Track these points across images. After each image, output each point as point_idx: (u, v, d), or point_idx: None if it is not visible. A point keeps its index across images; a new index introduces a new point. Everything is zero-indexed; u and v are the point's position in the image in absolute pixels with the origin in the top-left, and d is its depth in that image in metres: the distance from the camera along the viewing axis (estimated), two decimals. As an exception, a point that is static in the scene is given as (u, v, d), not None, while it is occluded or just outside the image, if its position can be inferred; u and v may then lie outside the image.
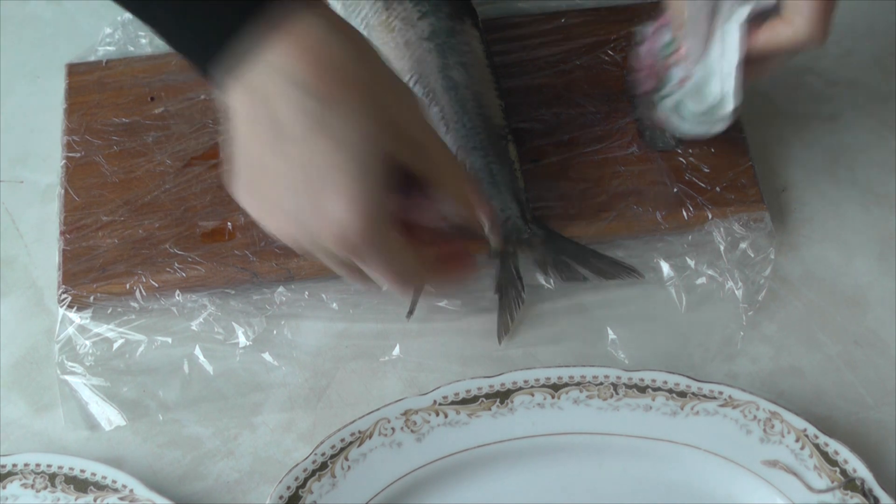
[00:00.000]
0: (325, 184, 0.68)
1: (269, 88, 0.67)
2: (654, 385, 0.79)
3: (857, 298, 0.85)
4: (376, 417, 0.78)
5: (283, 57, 0.66)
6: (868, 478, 0.75)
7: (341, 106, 0.67)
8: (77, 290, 0.84)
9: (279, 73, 0.67)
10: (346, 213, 0.68)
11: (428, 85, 0.84)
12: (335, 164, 0.67)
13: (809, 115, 0.92)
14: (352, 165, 0.67)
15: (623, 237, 0.86)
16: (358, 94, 0.68)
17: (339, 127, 0.67)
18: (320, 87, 0.67)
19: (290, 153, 0.68)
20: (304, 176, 0.68)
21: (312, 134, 0.67)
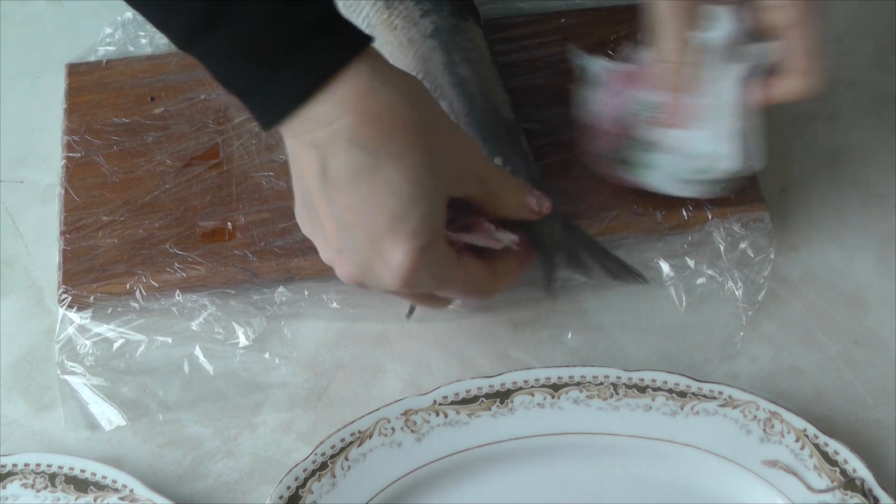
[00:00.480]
0: (380, 229, 0.69)
1: (319, 140, 0.68)
2: (654, 385, 0.79)
3: (857, 298, 0.85)
4: (376, 417, 0.78)
5: (333, 110, 0.67)
6: (868, 478, 0.75)
7: (390, 154, 0.68)
8: (77, 290, 0.84)
9: (328, 127, 0.68)
10: (403, 258, 0.70)
11: (435, 81, 0.84)
12: (386, 209, 0.69)
13: (809, 115, 0.92)
14: (403, 209, 0.69)
15: (623, 237, 0.86)
16: (407, 140, 0.68)
17: (387, 173, 0.68)
18: (367, 137, 0.68)
19: (338, 201, 0.69)
20: (357, 220, 0.69)
21: (357, 182, 0.68)
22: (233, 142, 0.89)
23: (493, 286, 0.78)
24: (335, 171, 0.68)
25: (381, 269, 0.71)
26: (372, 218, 0.69)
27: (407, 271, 0.70)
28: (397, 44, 0.86)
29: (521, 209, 0.77)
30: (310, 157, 0.69)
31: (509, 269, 0.78)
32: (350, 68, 0.67)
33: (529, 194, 0.77)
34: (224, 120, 0.90)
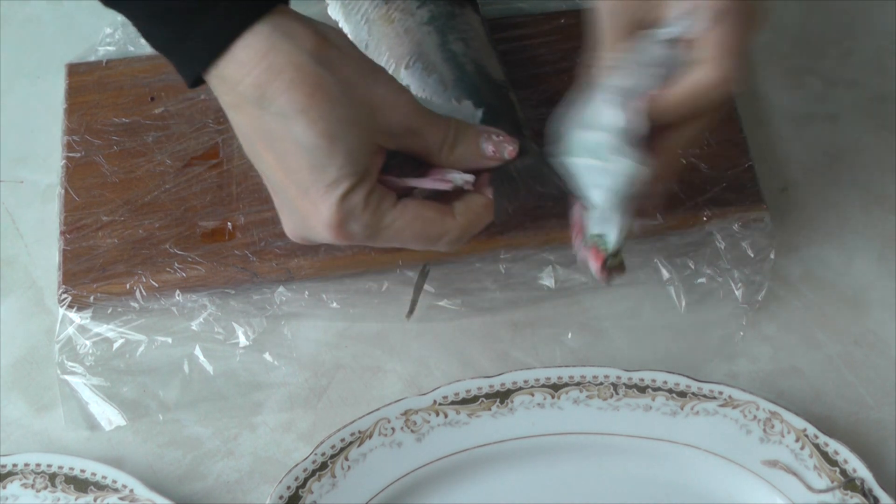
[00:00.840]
0: (304, 184, 0.69)
1: (233, 102, 0.69)
2: (654, 385, 0.79)
3: (857, 298, 0.85)
4: (376, 417, 0.78)
5: (238, 71, 0.68)
6: (868, 478, 0.75)
7: (296, 110, 0.68)
8: (77, 290, 0.84)
9: (236, 88, 0.68)
10: (329, 210, 0.69)
11: (427, 60, 0.84)
12: (304, 165, 0.69)
13: (809, 115, 0.92)
14: (320, 161, 0.68)
15: (623, 237, 0.86)
16: (313, 94, 0.68)
17: (297, 129, 0.68)
18: (270, 95, 0.68)
19: (264, 161, 0.70)
20: (285, 174, 0.70)
21: (272, 142, 0.69)
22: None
23: (451, 233, 0.73)
24: (251, 133, 0.69)
25: (315, 223, 0.70)
26: (295, 175, 0.69)
27: (336, 222, 0.70)
28: (394, 35, 0.86)
29: (477, 158, 0.74)
30: (233, 119, 0.71)
31: (470, 211, 0.74)
32: (253, 29, 0.67)
33: (486, 141, 0.74)
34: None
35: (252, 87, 0.68)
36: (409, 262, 0.85)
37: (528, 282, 0.85)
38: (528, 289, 0.85)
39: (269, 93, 0.67)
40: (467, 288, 0.85)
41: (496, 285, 0.85)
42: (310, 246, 0.84)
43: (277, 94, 0.67)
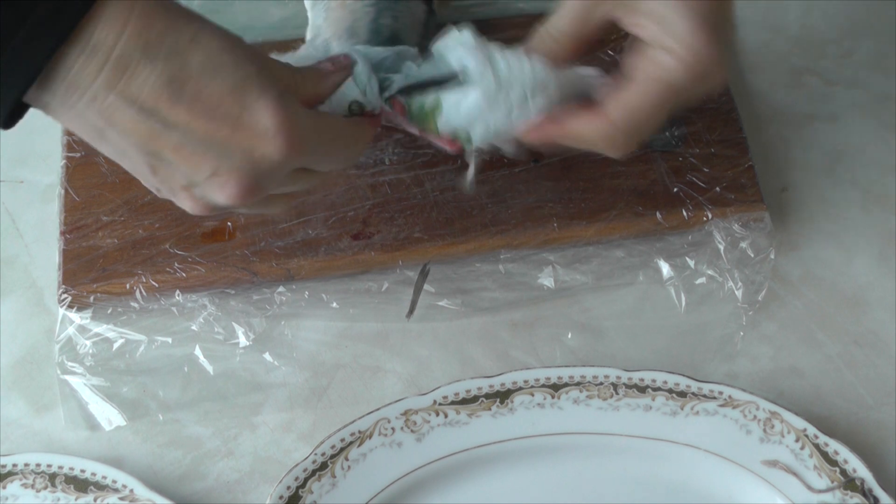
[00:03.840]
0: (233, 111, 0.64)
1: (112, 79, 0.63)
2: (654, 385, 0.79)
3: (856, 298, 0.85)
4: (376, 417, 0.78)
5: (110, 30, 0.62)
6: (868, 478, 0.75)
7: (188, 41, 0.63)
8: (77, 290, 0.84)
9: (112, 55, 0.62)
10: (272, 116, 0.65)
11: (354, 31, 0.83)
12: (223, 90, 0.64)
13: (809, 115, 0.92)
14: (237, 77, 0.64)
15: (623, 237, 0.86)
16: (194, 21, 0.64)
17: (197, 60, 0.63)
18: (156, 38, 0.63)
19: (177, 121, 0.64)
20: (208, 119, 0.64)
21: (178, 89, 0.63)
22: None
23: (357, 140, 0.72)
24: (149, 93, 0.63)
25: (262, 146, 0.65)
26: (218, 108, 0.64)
27: (282, 126, 0.65)
28: (341, 13, 0.86)
29: (323, 80, 0.71)
30: (115, 103, 0.63)
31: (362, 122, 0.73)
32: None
33: (324, 62, 0.72)
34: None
35: (133, 39, 0.62)
36: (409, 262, 0.85)
37: (527, 282, 0.85)
38: (527, 289, 0.85)
39: (153, 38, 0.63)
40: (467, 288, 0.85)
41: (496, 285, 0.85)
42: (310, 246, 0.84)
43: (163, 34, 0.63)
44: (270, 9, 0.96)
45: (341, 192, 0.87)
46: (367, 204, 0.86)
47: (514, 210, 0.86)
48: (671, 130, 0.88)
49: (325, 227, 0.85)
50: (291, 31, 0.94)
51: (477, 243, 0.85)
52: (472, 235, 0.85)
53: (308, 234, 0.85)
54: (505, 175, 0.87)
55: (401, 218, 0.86)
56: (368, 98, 0.74)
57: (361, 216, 0.86)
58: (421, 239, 0.85)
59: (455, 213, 0.86)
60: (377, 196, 0.87)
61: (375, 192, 0.87)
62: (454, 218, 0.86)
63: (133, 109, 0.64)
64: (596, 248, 0.86)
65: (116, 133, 0.65)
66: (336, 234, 0.85)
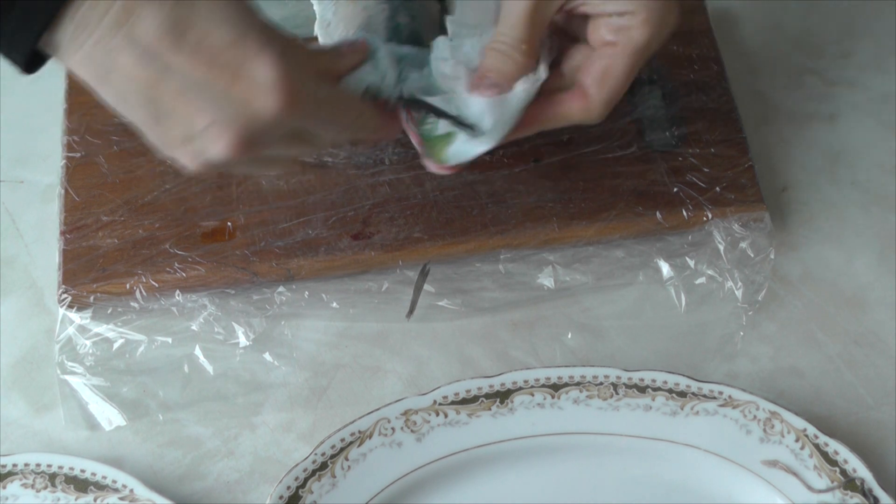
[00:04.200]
0: (233, 62, 0.64)
1: (117, 20, 0.63)
2: (654, 385, 0.79)
3: (857, 298, 0.85)
4: (376, 417, 0.78)
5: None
6: (868, 478, 0.75)
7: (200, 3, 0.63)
8: (77, 290, 0.84)
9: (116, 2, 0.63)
10: (271, 69, 0.65)
11: (370, 28, 0.83)
12: (226, 39, 0.64)
13: (809, 115, 0.92)
14: (240, 29, 0.64)
15: (623, 237, 0.86)
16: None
17: (202, 7, 0.64)
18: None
19: (177, 66, 0.64)
20: (209, 67, 0.64)
21: (182, 35, 0.63)
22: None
23: (369, 118, 0.73)
24: (154, 38, 0.63)
25: (260, 99, 0.65)
26: (219, 57, 0.64)
27: (281, 80, 0.64)
28: (353, 11, 0.85)
29: (339, 58, 0.72)
30: (120, 44, 0.63)
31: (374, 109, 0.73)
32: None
33: (341, 43, 0.73)
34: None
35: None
36: (409, 262, 0.85)
37: (527, 282, 0.85)
38: (527, 289, 0.85)
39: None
40: (467, 288, 0.85)
41: (496, 285, 0.85)
42: (310, 246, 0.84)
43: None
44: (271, 9, 0.96)
45: (341, 192, 0.87)
46: (367, 204, 0.86)
47: (514, 210, 0.86)
48: (671, 130, 0.88)
49: (325, 227, 0.85)
50: (292, 30, 0.94)
51: (477, 243, 0.85)
52: (472, 235, 0.85)
53: (308, 234, 0.85)
54: (505, 175, 0.87)
55: (401, 218, 0.86)
56: (386, 84, 0.74)
57: (361, 216, 0.86)
58: (421, 239, 0.85)
59: (455, 213, 0.86)
60: (377, 196, 0.87)
61: (375, 192, 0.87)
62: (454, 218, 0.86)
63: (136, 52, 0.64)
64: (596, 248, 0.86)
65: (120, 77, 0.65)
66: (336, 234, 0.85)
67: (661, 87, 0.90)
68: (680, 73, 0.91)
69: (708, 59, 0.92)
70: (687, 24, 0.92)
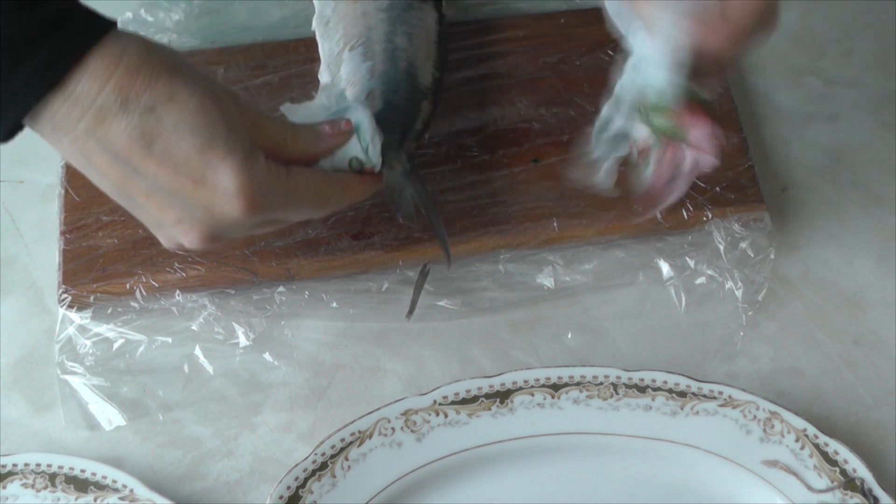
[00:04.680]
0: (197, 170, 0.68)
1: (91, 126, 0.67)
2: (654, 385, 0.79)
3: (856, 298, 0.85)
4: (376, 417, 0.78)
5: (93, 84, 0.66)
6: (868, 478, 0.75)
7: (164, 99, 0.67)
8: (77, 290, 0.84)
9: (93, 105, 0.67)
10: (232, 178, 0.69)
11: (369, 47, 0.84)
12: (190, 148, 0.68)
13: (809, 115, 0.92)
14: (204, 138, 0.68)
15: (623, 237, 0.86)
16: (174, 80, 0.68)
17: (171, 118, 0.67)
18: (135, 94, 0.67)
19: (145, 171, 0.68)
20: (174, 173, 0.68)
21: (149, 142, 0.68)
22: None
23: (339, 193, 0.76)
24: (123, 144, 0.67)
25: (222, 205, 0.69)
26: (185, 165, 0.68)
27: (243, 188, 0.69)
28: (353, 15, 0.86)
29: (318, 138, 0.76)
30: (94, 147, 0.68)
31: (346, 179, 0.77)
32: (99, 45, 0.66)
33: (324, 125, 0.76)
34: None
35: (114, 93, 0.66)
36: (409, 262, 0.85)
37: (527, 282, 0.85)
38: (527, 289, 0.85)
39: (132, 93, 0.67)
40: (467, 288, 0.85)
41: (496, 285, 0.85)
42: (310, 246, 0.84)
43: (142, 91, 0.67)
44: (271, 9, 0.96)
45: (341, 192, 0.87)
46: (367, 204, 0.86)
47: (514, 210, 0.86)
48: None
49: (325, 227, 0.85)
50: (292, 30, 0.94)
51: (477, 243, 0.85)
52: (472, 235, 0.85)
53: (308, 234, 0.85)
54: (505, 175, 0.87)
55: (401, 218, 0.86)
56: (370, 156, 0.77)
57: (361, 216, 0.86)
58: (421, 239, 0.85)
59: (455, 213, 0.86)
60: (377, 196, 0.87)
61: (375, 192, 0.87)
62: (454, 218, 0.86)
63: (109, 155, 0.68)
64: (596, 248, 0.86)
65: (95, 172, 0.70)
66: (336, 234, 0.85)
67: (661, 87, 0.90)
68: (680, 73, 0.91)
69: (708, 59, 0.92)
70: (687, 24, 0.92)
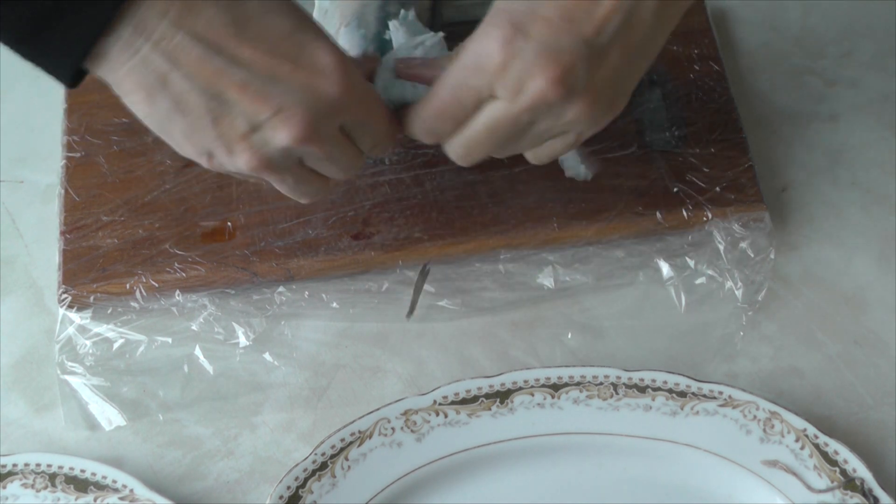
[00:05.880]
0: (294, 50, 0.67)
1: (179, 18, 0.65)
2: (654, 385, 0.79)
3: (856, 298, 0.85)
4: (376, 417, 0.78)
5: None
6: (868, 478, 0.75)
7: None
8: (77, 290, 0.84)
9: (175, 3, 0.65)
10: (330, 55, 0.67)
11: (364, 19, 0.84)
12: (284, 30, 0.67)
13: (809, 115, 0.92)
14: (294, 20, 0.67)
15: (623, 237, 0.86)
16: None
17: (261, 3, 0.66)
18: None
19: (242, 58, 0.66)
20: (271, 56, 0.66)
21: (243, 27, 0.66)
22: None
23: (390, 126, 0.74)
24: (216, 31, 0.65)
25: (323, 84, 0.67)
26: (279, 47, 0.66)
27: (339, 64, 0.67)
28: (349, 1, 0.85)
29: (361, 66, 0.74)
30: (183, 41, 0.65)
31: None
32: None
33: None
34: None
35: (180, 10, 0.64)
36: (409, 262, 0.85)
37: (527, 282, 0.85)
38: (527, 289, 0.85)
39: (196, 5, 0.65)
40: (467, 288, 0.85)
41: (496, 285, 0.85)
42: (310, 246, 0.84)
43: None
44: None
45: (341, 192, 0.87)
46: (367, 204, 0.86)
47: (514, 210, 0.86)
48: (671, 130, 0.88)
49: (325, 227, 0.86)
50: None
51: (477, 243, 0.85)
52: (472, 235, 0.85)
53: (308, 234, 0.85)
54: (505, 175, 0.87)
55: (401, 218, 0.86)
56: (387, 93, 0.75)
57: (361, 216, 0.86)
58: (421, 239, 0.85)
59: (455, 213, 0.86)
60: (377, 196, 0.87)
61: (375, 192, 0.87)
62: (454, 218, 0.86)
63: (201, 47, 0.65)
64: (596, 248, 0.86)
65: (181, 76, 0.66)
66: (336, 234, 0.85)
67: (661, 87, 0.91)
68: (680, 73, 0.91)
69: (708, 58, 0.92)
70: (687, 24, 0.92)
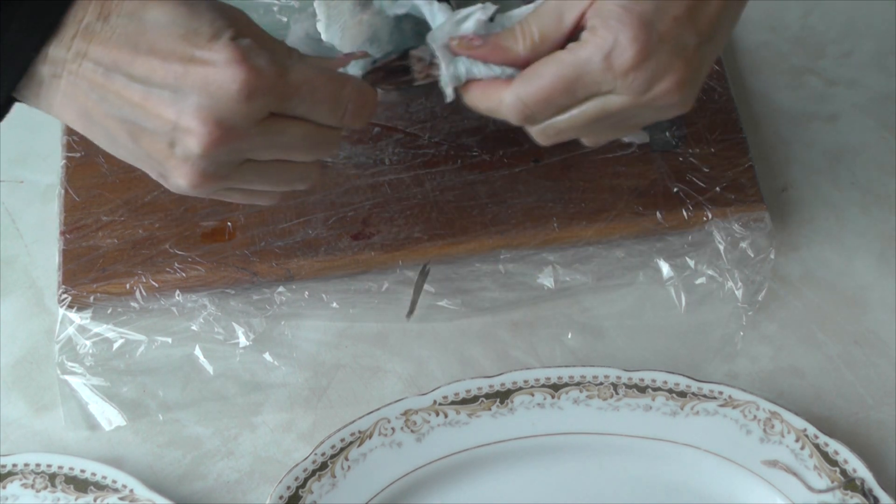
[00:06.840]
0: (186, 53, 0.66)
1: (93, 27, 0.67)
2: (654, 385, 0.79)
3: (856, 298, 0.85)
4: (376, 417, 0.78)
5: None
6: (868, 478, 0.75)
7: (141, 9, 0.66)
8: (77, 290, 0.84)
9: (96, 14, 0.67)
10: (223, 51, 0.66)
11: (378, 40, 0.83)
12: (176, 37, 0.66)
13: (809, 115, 0.92)
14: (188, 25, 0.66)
15: (623, 237, 0.86)
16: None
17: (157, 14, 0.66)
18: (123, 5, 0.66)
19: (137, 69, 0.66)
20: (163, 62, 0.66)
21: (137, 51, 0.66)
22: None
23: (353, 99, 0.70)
24: (111, 52, 0.66)
25: (217, 77, 0.65)
26: (173, 54, 0.66)
27: (235, 57, 0.65)
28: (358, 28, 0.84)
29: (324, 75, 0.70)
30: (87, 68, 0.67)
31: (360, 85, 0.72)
32: None
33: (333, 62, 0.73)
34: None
35: (96, 10, 0.66)
36: (409, 262, 0.85)
37: (527, 282, 0.85)
38: (527, 289, 0.85)
39: (112, 6, 0.66)
40: (467, 288, 0.85)
41: (496, 285, 0.85)
42: (310, 246, 0.84)
43: (121, 2, 0.66)
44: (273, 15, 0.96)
45: (341, 192, 0.87)
46: (367, 204, 0.86)
47: (514, 210, 0.86)
48: (671, 130, 0.88)
49: (325, 227, 0.86)
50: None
51: (477, 243, 0.85)
52: (472, 235, 0.85)
53: (308, 234, 0.85)
54: (505, 175, 0.87)
55: (401, 218, 0.86)
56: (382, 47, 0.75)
57: (361, 216, 0.86)
58: (421, 239, 0.85)
59: (455, 213, 0.86)
60: (377, 196, 0.87)
61: (375, 192, 0.87)
62: (454, 218, 0.86)
63: (101, 70, 0.67)
64: (596, 248, 0.86)
65: (95, 102, 0.67)
66: (336, 234, 0.85)
67: (661, 87, 0.90)
68: (680, 73, 0.91)
69: (708, 59, 0.92)
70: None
